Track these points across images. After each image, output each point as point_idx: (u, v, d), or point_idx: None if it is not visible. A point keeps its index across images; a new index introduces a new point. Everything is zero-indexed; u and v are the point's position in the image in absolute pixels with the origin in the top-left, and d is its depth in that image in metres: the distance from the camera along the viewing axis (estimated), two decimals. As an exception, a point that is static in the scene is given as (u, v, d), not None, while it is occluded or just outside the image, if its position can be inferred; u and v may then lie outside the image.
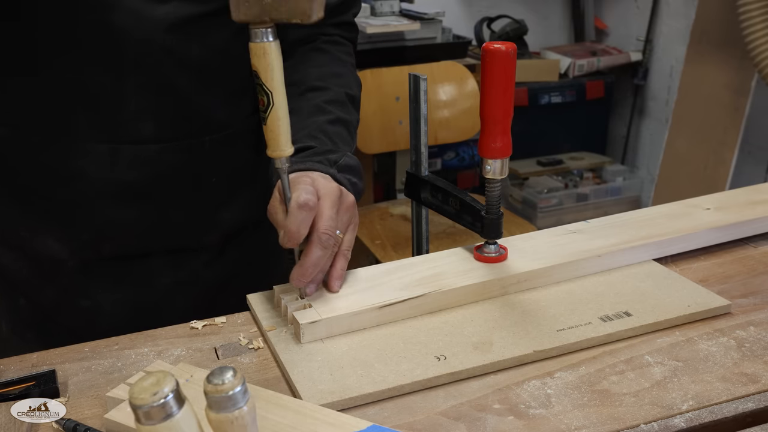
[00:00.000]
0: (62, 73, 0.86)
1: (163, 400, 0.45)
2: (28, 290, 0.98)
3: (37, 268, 0.96)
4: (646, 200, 3.16)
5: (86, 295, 0.97)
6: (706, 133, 2.67)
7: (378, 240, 2.11)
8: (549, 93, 3.09)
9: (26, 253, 0.96)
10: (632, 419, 0.66)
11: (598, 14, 3.43)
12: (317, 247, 0.79)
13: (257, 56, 0.72)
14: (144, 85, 0.87)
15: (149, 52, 0.86)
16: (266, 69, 0.73)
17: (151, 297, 0.99)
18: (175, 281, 1.00)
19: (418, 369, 0.72)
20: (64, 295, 0.97)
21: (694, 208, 1.03)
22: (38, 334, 0.99)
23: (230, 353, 0.78)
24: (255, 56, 0.73)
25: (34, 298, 0.98)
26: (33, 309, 0.99)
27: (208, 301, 1.02)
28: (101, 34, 0.84)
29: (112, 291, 0.97)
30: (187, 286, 1.01)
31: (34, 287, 0.97)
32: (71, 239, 0.94)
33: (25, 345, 0.93)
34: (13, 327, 1.01)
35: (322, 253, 0.79)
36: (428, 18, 2.58)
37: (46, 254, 0.95)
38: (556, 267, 0.88)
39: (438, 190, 0.98)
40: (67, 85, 0.86)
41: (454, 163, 2.92)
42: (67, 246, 0.95)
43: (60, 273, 0.96)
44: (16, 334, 1.01)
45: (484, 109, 0.84)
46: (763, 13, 2.25)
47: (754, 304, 0.85)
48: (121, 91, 0.87)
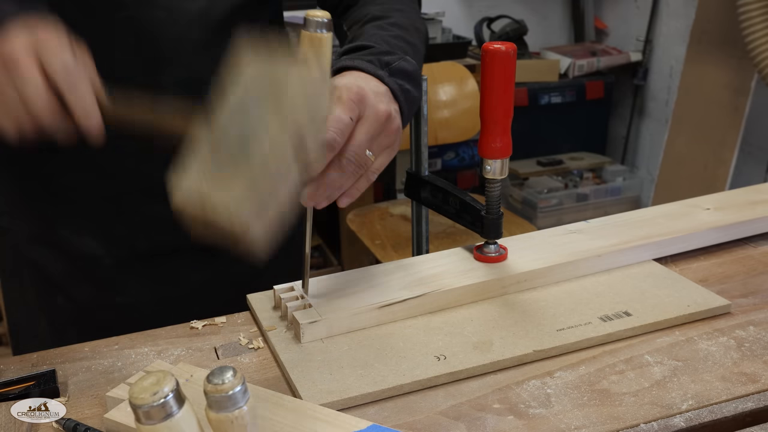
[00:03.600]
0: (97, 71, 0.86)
1: (163, 400, 0.46)
2: (66, 288, 0.99)
3: (74, 265, 0.98)
4: (646, 200, 3.16)
5: (122, 291, 0.98)
6: (706, 133, 2.67)
7: (378, 240, 2.11)
8: (549, 93, 3.09)
9: (64, 251, 0.97)
10: (632, 419, 0.66)
11: (598, 14, 3.43)
12: (336, 170, 0.70)
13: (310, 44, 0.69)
14: (179, 82, 0.88)
15: (184, 48, 0.86)
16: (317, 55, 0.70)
17: (182, 293, 1.00)
18: (205, 278, 1.01)
19: (418, 369, 0.72)
20: (101, 293, 0.98)
21: (693, 208, 1.03)
22: (77, 331, 1.00)
23: (230, 353, 0.78)
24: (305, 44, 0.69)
25: (72, 296, 0.99)
26: (71, 306, 1.00)
27: (239, 297, 1.03)
28: (135, 32, 0.84)
29: (146, 287, 0.99)
30: (218, 283, 1.02)
31: (72, 285, 0.99)
32: (107, 236, 0.96)
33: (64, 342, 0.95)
34: (53, 324, 1.02)
35: (339, 177, 0.70)
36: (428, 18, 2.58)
37: (83, 252, 0.96)
38: (556, 267, 0.88)
39: (438, 190, 0.98)
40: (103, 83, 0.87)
41: (454, 163, 2.92)
42: (103, 243, 0.96)
43: (96, 270, 0.97)
44: (55, 332, 1.02)
45: (484, 109, 0.84)
46: (763, 13, 2.26)
47: (753, 304, 0.85)
48: (157, 88, 0.87)
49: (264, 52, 0.61)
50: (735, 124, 2.56)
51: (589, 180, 3.16)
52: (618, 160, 3.35)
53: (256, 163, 0.58)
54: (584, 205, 3.05)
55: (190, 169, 0.61)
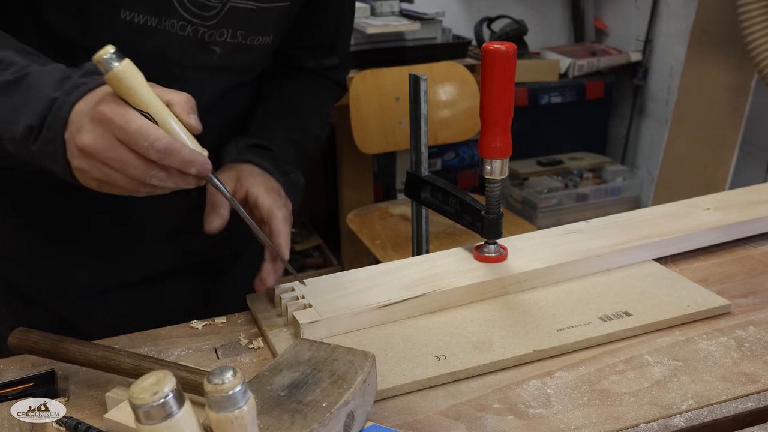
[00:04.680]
0: None
1: (163, 399, 0.46)
2: (48, 306, 0.98)
3: (55, 291, 0.97)
4: (646, 200, 3.16)
5: (105, 311, 0.98)
6: (706, 133, 2.67)
7: (378, 240, 2.10)
8: (549, 93, 3.08)
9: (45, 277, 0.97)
10: (632, 419, 0.66)
11: (598, 14, 3.43)
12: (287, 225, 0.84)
13: (115, 85, 0.65)
14: None
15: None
16: (128, 93, 0.65)
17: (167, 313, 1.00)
18: (192, 298, 1.02)
19: (418, 369, 0.72)
20: (83, 312, 0.98)
21: (693, 208, 1.03)
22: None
23: (230, 353, 0.78)
24: (113, 85, 0.65)
25: (54, 311, 0.98)
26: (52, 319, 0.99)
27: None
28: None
29: (131, 308, 0.99)
30: (203, 302, 1.03)
31: (54, 304, 0.98)
32: (98, 271, 0.96)
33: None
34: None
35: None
36: (428, 18, 2.58)
37: (67, 280, 0.96)
38: (556, 267, 0.88)
39: (438, 190, 0.98)
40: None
41: (454, 163, 2.92)
42: (92, 275, 0.96)
43: (82, 296, 0.97)
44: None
45: (484, 109, 0.84)
46: (763, 13, 2.25)
47: (753, 304, 0.85)
48: None
49: None
50: (735, 124, 2.56)
51: (589, 180, 3.16)
52: (618, 160, 3.34)
53: None
54: (584, 205, 3.05)
55: None
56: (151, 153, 0.64)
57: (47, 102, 0.66)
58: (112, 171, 0.65)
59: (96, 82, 0.67)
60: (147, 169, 0.65)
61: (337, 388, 0.62)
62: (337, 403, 0.61)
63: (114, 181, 0.66)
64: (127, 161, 0.64)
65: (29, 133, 0.67)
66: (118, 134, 0.64)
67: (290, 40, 1.00)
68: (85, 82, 0.67)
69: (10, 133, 0.68)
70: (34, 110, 0.66)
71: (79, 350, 0.70)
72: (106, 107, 0.64)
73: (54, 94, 0.66)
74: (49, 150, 0.66)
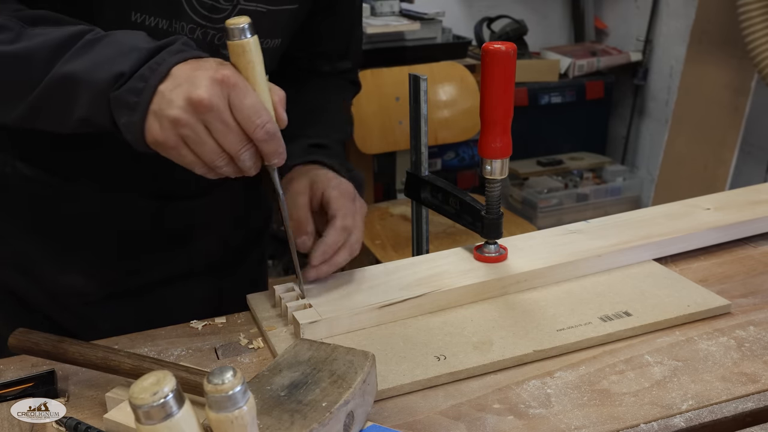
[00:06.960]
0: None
1: (163, 400, 0.45)
2: (49, 314, 0.98)
3: (56, 299, 0.97)
4: (646, 200, 3.16)
5: (107, 318, 0.98)
6: (706, 133, 2.67)
7: (378, 240, 2.10)
8: (549, 93, 3.08)
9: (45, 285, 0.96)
10: (632, 419, 0.66)
11: (598, 14, 3.43)
12: (347, 251, 0.83)
13: (239, 53, 0.69)
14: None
15: None
16: (245, 67, 0.69)
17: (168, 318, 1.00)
18: (194, 300, 1.02)
19: (418, 369, 0.72)
20: (85, 320, 0.97)
21: (694, 208, 1.03)
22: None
23: (230, 353, 0.78)
24: (236, 54, 0.69)
25: (56, 320, 0.98)
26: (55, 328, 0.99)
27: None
28: None
29: (132, 314, 0.98)
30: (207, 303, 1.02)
31: (56, 313, 0.97)
32: (99, 279, 0.96)
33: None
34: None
35: (345, 256, 0.83)
36: (428, 18, 2.58)
37: (68, 288, 0.95)
38: (556, 267, 0.88)
39: (438, 190, 0.98)
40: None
41: (454, 163, 2.92)
42: (94, 283, 0.96)
43: (82, 304, 0.97)
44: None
45: (484, 109, 0.84)
46: (763, 13, 2.25)
47: (753, 304, 0.85)
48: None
49: None
50: (735, 124, 2.56)
51: (589, 180, 3.16)
52: (618, 160, 3.34)
53: None
54: (584, 205, 3.05)
55: None
56: (258, 132, 0.66)
57: (143, 53, 0.68)
58: (206, 135, 0.66)
59: (197, 53, 0.70)
60: (242, 145, 0.66)
61: (337, 388, 0.62)
62: (337, 403, 0.61)
63: (201, 144, 0.66)
64: (230, 129, 0.66)
65: (115, 81, 0.67)
66: (234, 101, 0.65)
67: (306, 48, 1.02)
68: (184, 49, 0.69)
69: (89, 82, 0.68)
70: (128, 59, 0.67)
71: (79, 351, 0.70)
72: (231, 73, 0.66)
73: (147, 45, 0.68)
74: (131, 100, 0.67)
